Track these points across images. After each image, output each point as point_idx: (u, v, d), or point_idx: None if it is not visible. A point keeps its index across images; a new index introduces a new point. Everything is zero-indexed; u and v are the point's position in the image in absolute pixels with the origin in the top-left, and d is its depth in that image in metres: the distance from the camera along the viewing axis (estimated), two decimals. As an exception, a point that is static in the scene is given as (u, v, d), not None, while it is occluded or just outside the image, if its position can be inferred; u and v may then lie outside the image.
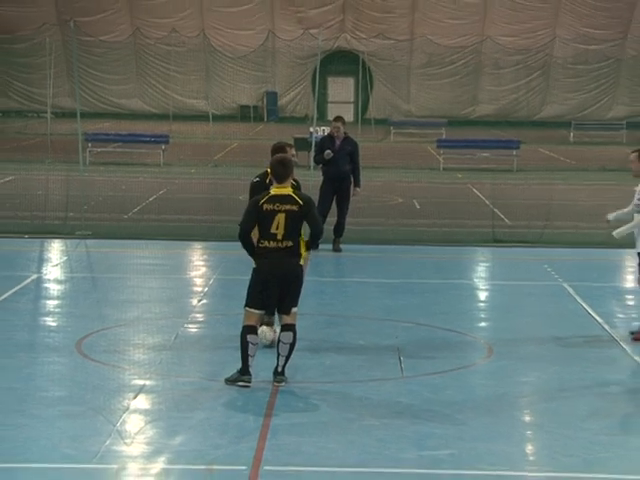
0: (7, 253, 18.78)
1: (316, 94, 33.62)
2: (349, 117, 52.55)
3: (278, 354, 10.65)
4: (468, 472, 8.55)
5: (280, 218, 10.40)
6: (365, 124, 48.84)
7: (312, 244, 10.98)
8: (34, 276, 16.67)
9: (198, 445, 9.11)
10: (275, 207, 10.43)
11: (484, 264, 19.65)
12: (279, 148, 12.76)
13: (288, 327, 10.69)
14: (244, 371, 10.57)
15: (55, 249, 19.49)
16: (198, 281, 16.99)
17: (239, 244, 10.73)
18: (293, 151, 13.19)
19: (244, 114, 56.27)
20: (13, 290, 15.29)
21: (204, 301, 15.31)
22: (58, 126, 36.94)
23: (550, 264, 17.98)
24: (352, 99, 55.71)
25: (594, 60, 56.80)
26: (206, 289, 16.21)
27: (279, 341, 10.69)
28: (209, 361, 12.27)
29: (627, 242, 20.71)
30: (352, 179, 19.12)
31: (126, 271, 17.71)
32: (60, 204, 22.52)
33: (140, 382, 10.93)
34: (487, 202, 26.14)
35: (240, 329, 10.68)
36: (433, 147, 38.28)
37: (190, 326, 13.75)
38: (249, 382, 10.54)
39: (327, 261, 18.51)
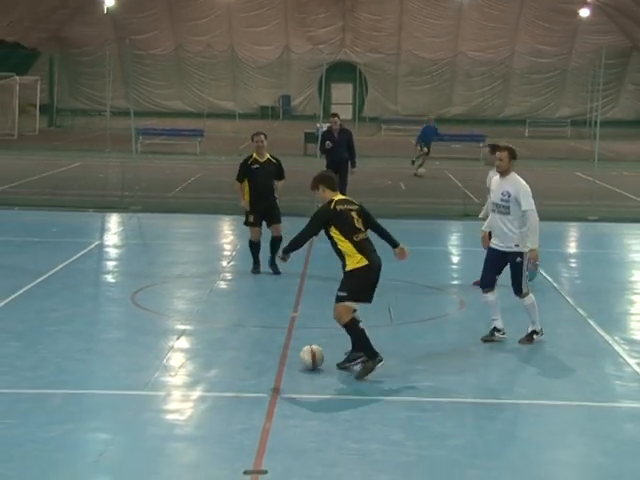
0: (75, 224, 18.77)
1: (322, 97, 33.52)
2: (348, 115, 52.21)
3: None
4: (444, 399, 8.57)
5: (354, 215, 9.22)
6: (361, 121, 48.59)
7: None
8: (97, 242, 16.66)
9: (228, 377, 9.12)
10: (346, 207, 9.23)
11: (457, 234, 19.60)
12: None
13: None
14: (373, 354, 9.06)
15: (113, 221, 19.48)
16: (227, 247, 16.98)
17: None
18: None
19: (264, 113, 56.01)
20: (80, 254, 15.29)
21: (232, 263, 15.29)
22: (115, 122, 36.78)
23: (509, 234, 17.91)
24: (350, 101, 55.35)
25: (545, 70, 56.51)
26: (234, 253, 16.18)
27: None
28: (237, 311, 12.28)
29: (570, 216, 20.82)
30: (349, 162, 19.12)
31: (170, 238, 17.71)
32: (117, 185, 22.49)
33: (182, 327, 10.94)
34: (459, 184, 26.06)
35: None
36: (415, 140, 38.09)
37: (221, 283, 13.74)
38: (382, 360, 9.06)
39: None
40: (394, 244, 9.53)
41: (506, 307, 10.78)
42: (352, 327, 9.04)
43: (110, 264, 15.08)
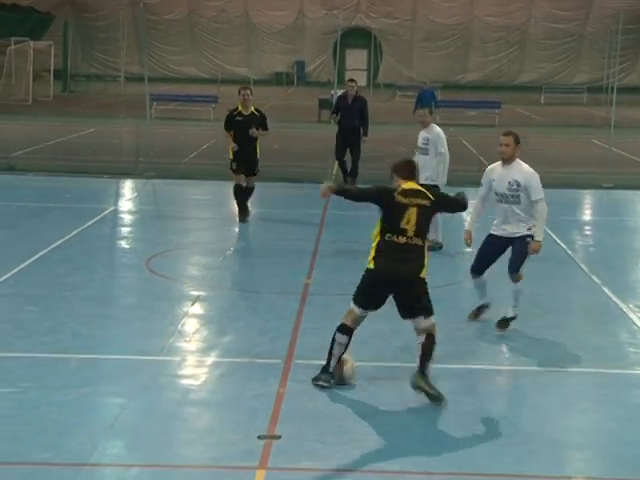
0: (90, 190, 18.80)
1: (336, 63, 33.40)
2: (362, 82, 51.98)
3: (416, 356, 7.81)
4: (456, 366, 8.60)
5: (413, 212, 7.75)
6: (375, 88, 48.36)
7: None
8: (111, 208, 16.70)
9: (242, 343, 9.17)
10: (407, 201, 7.77)
11: (471, 201, 19.48)
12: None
13: (427, 336, 7.79)
14: (324, 369, 7.96)
15: (127, 187, 19.51)
16: (242, 213, 16.97)
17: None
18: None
19: (278, 79, 55.80)
20: (95, 219, 15.33)
21: (245, 229, 15.31)
22: (129, 88, 36.69)
23: (524, 201, 17.85)
24: (365, 67, 55.08)
25: (562, 36, 56.02)
26: (248, 219, 16.18)
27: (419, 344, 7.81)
28: (250, 277, 12.31)
29: (585, 184, 20.71)
30: (361, 130, 19.05)
31: (184, 205, 17.72)
32: (131, 151, 22.49)
33: (196, 293, 10.98)
34: (474, 151, 25.94)
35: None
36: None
37: (235, 249, 13.77)
38: (328, 382, 7.88)
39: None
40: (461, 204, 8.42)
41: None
42: (335, 332, 7.95)
43: (124, 230, 15.12)
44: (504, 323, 9.65)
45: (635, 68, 55.59)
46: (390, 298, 7.87)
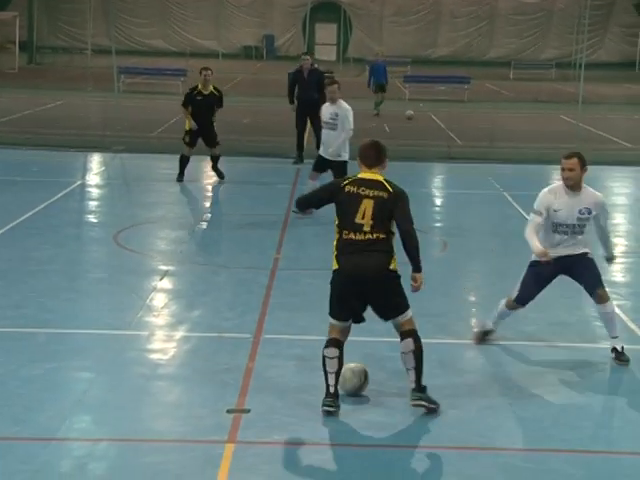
0: (56, 163, 18.64)
1: (306, 37, 33.27)
2: (332, 56, 51.95)
3: (406, 369, 7.09)
4: (426, 340, 8.62)
5: (367, 204, 6.92)
6: (345, 62, 48.27)
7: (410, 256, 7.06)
8: (78, 182, 16.57)
9: (211, 318, 9.16)
10: (358, 190, 6.97)
11: (440, 176, 19.61)
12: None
13: (407, 333, 7.07)
14: (326, 393, 6.97)
15: (95, 161, 19.35)
16: (209, 188, 16.89)
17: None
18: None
19: (247, 53, 55.47)
20: (62, 193, 15.21)
21: (214, 204, 15.26)
22: (97, 61, 36.39)
23: (494, 177, 17.95)
24: (335, 41, 54.92)
25: (531, 11, 56.13)
26: (217, 194, 16.15)
27: (401, 353, 7.06)
28: (219, 252, 12.29)
29: (553, 159, 20.79)
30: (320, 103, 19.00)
31: (152, 179, 17.60)
32: (99, 124, 22.31)
33: (164, 267, 10.94)
34: (443, 126, 26.00)
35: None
36: (400, 82, 37.90)
37: (204, 224, 13.73)
38: (331, 407, 6.87)
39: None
40: (414, 267, 7.12)
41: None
42: (323, 349, 7.07)
43: (92, 204, 15.01)
44: (621, 355, 8.21)
45: (603, 44, 55.87)
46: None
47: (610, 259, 8.83)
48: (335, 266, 6.98)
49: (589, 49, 45.83)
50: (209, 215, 14.39)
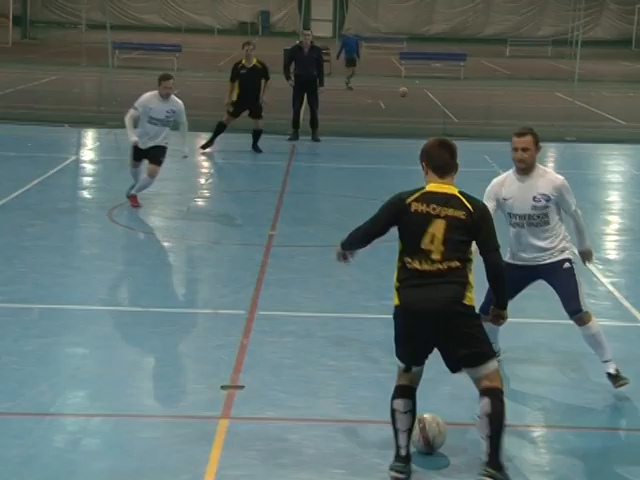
0: (50, 139, 18.56)
1: (302, 13, 33.06)
2: (328, 33, 51.70)
3: (480, 437, 5.65)
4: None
5: (439, 226, 5.56)
6: (341, 39, 47.98)
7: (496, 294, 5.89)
8: (73, 158, 16.52)
9: (206, 294, 9.17)
10: (427, 209, 5.62)
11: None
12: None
13: (485, 391, 5.61)
14: (395, 455, 5.65)
15: (89, 136, 19.28)
16: (205, 164, 16.86)
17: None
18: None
19: (243, 29, 55.14)
20: (56, 169, 15.16)
21: (210, 180, 15.23)
22: (91, 36, 36.21)
23: (489, 154, 17.91)
24: (331, 18, 54.69)
25: (527, -12, 56.04)
26: (212, 170, 16.12)
27: (476, 416, 5.69)
28: (214, 228, 12.26)
29: (548, 137, 20.76)
30: (318, 80, 18.91)
31: (147, 155, 17.51)
32: (93, 99, 22.22)
33: (159, 244, 10.93)
34: (439, 104, 25.92)
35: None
36: (396, 59, 37.79)
37: (199, 200, 13.71)
38: (402, 473, 5.56)
39: (308, 149, 18.38)
40: (499, 303, 5.97)
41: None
42: (391, 401, 5.74)
43: (86, 180, 14.97)
44: (617, 379, 7.02)
45: (599, 21, 55.72)
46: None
47: (585, 254, 7.33)
48: (396, 301, 5.66)
49: (585, 26, 45.70)
50: (204, 191, 14.36)
